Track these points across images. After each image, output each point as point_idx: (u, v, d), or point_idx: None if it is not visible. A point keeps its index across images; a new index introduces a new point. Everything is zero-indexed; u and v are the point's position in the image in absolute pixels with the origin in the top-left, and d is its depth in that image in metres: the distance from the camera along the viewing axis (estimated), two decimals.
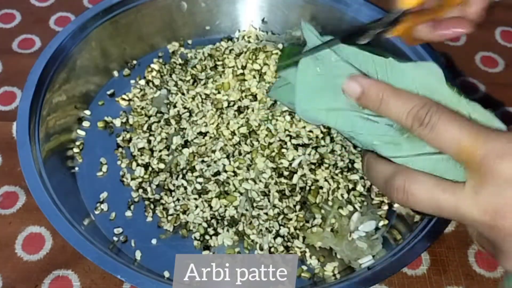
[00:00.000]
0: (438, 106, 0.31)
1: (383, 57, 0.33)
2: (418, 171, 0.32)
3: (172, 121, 0.56)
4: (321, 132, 0.54)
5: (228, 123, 0.55)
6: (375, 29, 0.37)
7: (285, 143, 0.53)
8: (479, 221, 0.29)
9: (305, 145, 0.53)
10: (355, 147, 0.54)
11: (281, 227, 0.50)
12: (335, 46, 0.35)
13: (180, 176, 0.52)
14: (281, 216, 0.50)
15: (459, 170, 0.31)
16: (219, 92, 0.57)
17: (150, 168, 0.53)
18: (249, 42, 0.63)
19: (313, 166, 0.52)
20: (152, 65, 0.62)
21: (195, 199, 0.51)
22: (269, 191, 0.51)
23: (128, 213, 0.51)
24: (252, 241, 0.49)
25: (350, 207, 0.50)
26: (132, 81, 0.61)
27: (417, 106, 0.31)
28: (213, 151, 0.53)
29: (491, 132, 0.30)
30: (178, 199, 0.51)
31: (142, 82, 0.60)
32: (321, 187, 0.51)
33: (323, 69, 0.34)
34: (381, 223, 0.50)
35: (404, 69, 0.33)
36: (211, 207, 0.50)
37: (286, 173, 0.52)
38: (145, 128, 0.56)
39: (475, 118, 0.32)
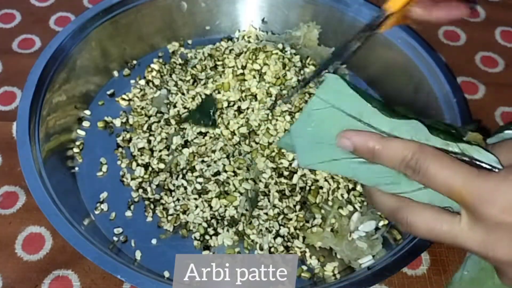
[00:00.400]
0: (426, 154, 0.32)
1: (373, 106, 0.34)
2: (419, 203, 0.34)
3: (172, 121, 0.56)
4: None
5: (228, 123, 0.55)
6: (365, 33, 0.38)
7: None
8: (474, 251, 0.32)
9: None
10: None
11: (281, 227, 0.50)
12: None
13: (180, 176, 0.52)
14: (281, 216, 0.50)
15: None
16: (219, 92, 0.57)
17: (150, 168, 0.53)
18: (249, 42, 0.63)
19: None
20: (152, 65, 0.62)
21: (195, 199, 0.51)
22: (269, 191, 0.51)
23: (128, 213, 0.51)
24: (252, 241, 0.49)
25: (350, 207, 0.50)
26: (132, 81, 0.61)
27: (407, 157, 0.33)
28: (213, 151, 0.53)
29: (478, 176, 0.31)
30: (178, 199, 0.51)
31: (142, 82, 0.60)
32: (321, 187, 0.51)
33: (316, 124, 0.35)
34: (381, 223, 0.50)
35: (394, 121, 0.34)
36: (211, 207, 0.50)
37: (286, 173, 0.52)
38: (145, 128, 0.56)
39: (469, 154, 0.33)
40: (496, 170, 0.32)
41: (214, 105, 0.56)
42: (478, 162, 0.32)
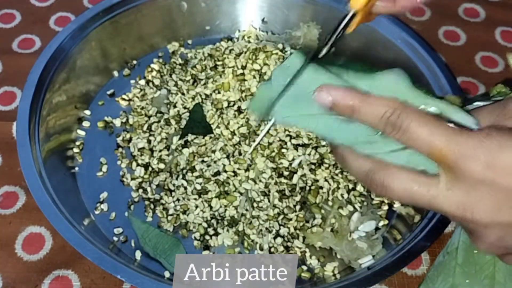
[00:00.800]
0: (408, 111, 0.32)
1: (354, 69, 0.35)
2: (395, 165, 0.33)
3: (172, 121, 0.56)
4: None
5: (228, 123, 0.55)
6: (334, 36, 0.38)
7: (285, 143, 0.53)
8: (450, 214, 0.31)
9: (305, 145, 0.53)
10: None
11: (281, 227, 0.50)
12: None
13: (180, 176, 0.52)
14: (281, 216, 0.50)
15: (432, 162, 0.32)
16: (219, 92, 0.57)
17: (150, 168, 0.53)
18: (249, 42, 0.63)
19: (313, 166, 0.52)
20: (152, 65, 0.62)
21: (195, 199, 0.51)
22: (269, 191, 0.51)
23: (130, 212, 0.51)
24: (252, 241, 0.49)
25: (350, 207, 0.51)
26: (132, 81, 0.61)
27: (388, 112, 0.32)
28: (213, 151, 0.53)
29: (461, 133, 0.31)
30: (178, 199, 0.51)
31: (142, 82, 0.60)
32: (321, 187, 0.51)
33: (297, 81, 0.35)
34: (381, 223, 0.50)
35: (375, 77, 0.33)
36: (211, 207, 0.50)
37: (286, 173, 0.52)
38: (145, 128, 0.56)
39: (447, 116, 0.32)
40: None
41: (201, 111, 0.56)
42: (458, 123, 0.32)
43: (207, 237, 0.49)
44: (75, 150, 0.55)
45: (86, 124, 0.57)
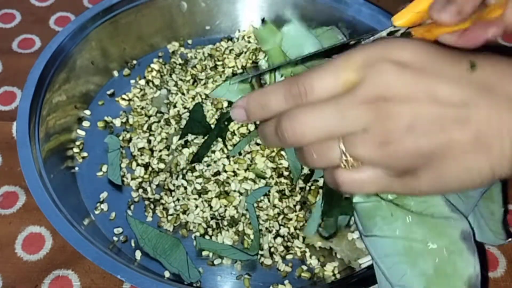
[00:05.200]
0: (301, 76, 0.32)
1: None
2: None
3: (172, 121, 0.56)
4: None
5: (229, 123, 0.55)
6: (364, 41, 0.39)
7: None
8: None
9: None
10: None
11: (281, 227, 0.50)
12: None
13: (180, 176, 0.52)
14: (281, 216, 0.50)
15: None
16: None
17: (150, 168, 0.53)
18: (249, 42, 0.63)
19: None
20: (152, 65, 0.62)
21: (195, 199, 0.51)
22: (269, 191, 0.51)
23: (128, 213, 0.51)
24: (252, 241, 0.49)
25: None
26: (132, 81, 0.61)
27: (287, 87, 0.32)
28: (213, 151, 0.53)
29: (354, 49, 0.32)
30: (178, 199, 0.51)
31: (142, 82, 0.60)
32: (321, 187, 0.51)
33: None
34: None
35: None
36: (211, 207, 0.50)
37: (286, 173, 0.52)
38: (145, 128, 0.56)
39: None
40: None
41: (201, 111, 0.56)
42: None
43: (207, 237, 0.49)
44: (75, 150, 0.55)
45: (86, 124, 0.57)
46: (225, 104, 0.56)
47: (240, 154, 0.53)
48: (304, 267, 0.48)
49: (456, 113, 0.30)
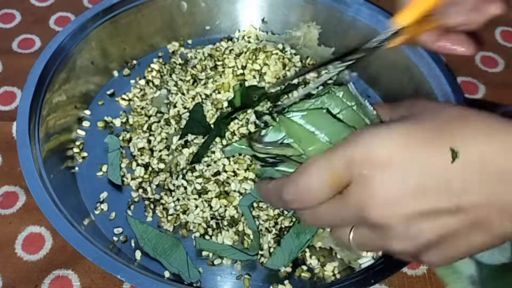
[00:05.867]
0: (278, 182, 0.35)
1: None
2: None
3: (172, 121, 0.56)
4: None
5: (228, 123, 0.55)
6: (370, 45, 0.40)
7: None
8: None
9: None
10: None
11: (281, 227, 0.50)
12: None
13: (180, 176, 0.52)
14: (281, 217, 0.50)
15: None
16: (219, 92, 0.57)
17: (150, 168, 0.53)
18: (249, 42, 0.63)
19: None
20: (152, 65, 0.62)
21: (195, 199, 0.51)
22: None
23: (128, 213, 0.51)
24: (252, 241, 0.49)
25: None
26: (132, 81, 0.61)
27: (278, 191, 0.35)
28: (213, 151, 0.53)
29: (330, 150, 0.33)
30: (178, 199, 0.51)
31: (142, 82, 0.60)
32: None
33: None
34: None
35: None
36: (211, 207, 0.50)
37: None
38: (145, 128, 0.56)
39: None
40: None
41: (201, 111, 0.56)
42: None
43: (207, 237, 0.49)
44: (75, 150, 0.55)
45: (86, 124, 0.57)
46: (225, 104, 0.56)
47: (240, 154, 0.53)
48: (304, 267, 0.48)
49: (448, 206, 0.30)
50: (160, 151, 0.54)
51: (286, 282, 0.47)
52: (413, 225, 0.31)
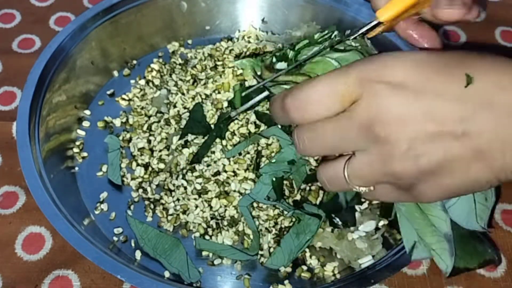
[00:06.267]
0: (292, 90, 0.35)
1: None
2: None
3: (172, 121, 0.56)
4: None
5: (228, 123, 0.55)
6: (354, 35, 0.41)
7: None
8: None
9: None
10: None
11: (281, 227, 0.50)
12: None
13: (180, 176, 0.52)
14: (281, 217, 0.50)
15: None
16: (219, 92, 0.57)
17: (150, 168, 0.53)
18: (249, 42, 0.63)
19: (313, 166, 0.52)
20: (152, 65, 0.62)
21: (195, 199, 0.51)
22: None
23: (128, 213, 0.51)
24: (252, 241, 0.49)
25: None
26: (132, 81, 0.61)
27: (280, 103, 0.36)
28: (213, 152, 0.53)
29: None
30: (178, 199, 0.51)
31: (142, 82, 0.60)
32: (321, 187, 0.51)
33: None
34: (381, 223, 0.50)
35: None
36: (211, 207, 0.50)
37: None
38: (145, 128, 0.56)
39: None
40: None
41: (201, 111, 0.56)
42: None
43: (207, 237, 0.49)
44: (75, 150, 0.55)
45: (86, 124, 0.57)
46: (225, 104, 0.56)
47: (240, 154, 0.53)
48: (304, 267, 0.48)
49: (454, 130, 0.31)
50: (160, 151, 0.54)
51: (286, 282, 0.47)
52: (418, 145, 0.31)
